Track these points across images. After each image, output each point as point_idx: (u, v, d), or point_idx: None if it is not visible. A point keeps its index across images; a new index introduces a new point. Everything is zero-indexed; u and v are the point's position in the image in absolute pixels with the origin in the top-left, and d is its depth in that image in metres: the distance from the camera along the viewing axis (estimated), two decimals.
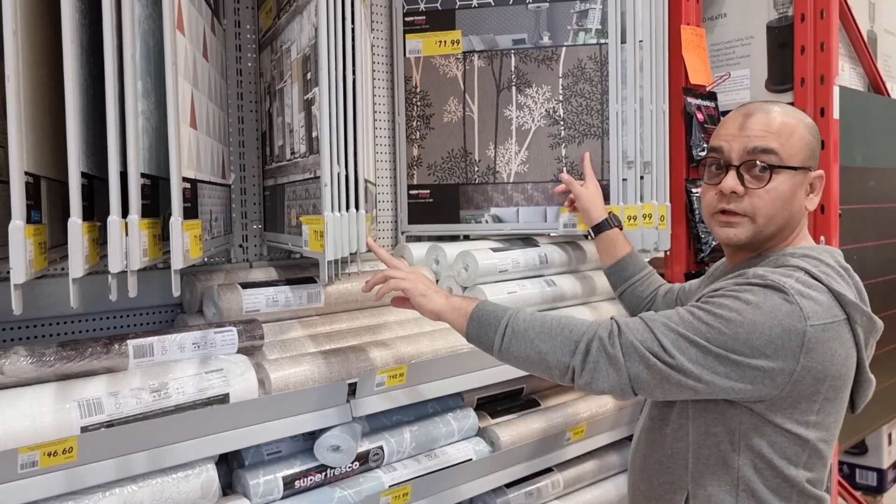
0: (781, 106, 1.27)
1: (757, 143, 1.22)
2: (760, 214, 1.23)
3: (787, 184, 1.22)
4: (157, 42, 1.21)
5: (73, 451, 1.12)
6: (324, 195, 1.36)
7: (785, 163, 1.21)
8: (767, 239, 1.27)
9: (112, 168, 1.02)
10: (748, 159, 1.22)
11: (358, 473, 1.57)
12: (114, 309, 1.61)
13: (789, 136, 1.22)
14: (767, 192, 1.21)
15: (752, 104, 1.29)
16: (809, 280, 1.18)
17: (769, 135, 1.21)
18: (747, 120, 1.24)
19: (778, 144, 1.21)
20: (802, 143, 1.23)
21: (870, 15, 2.44)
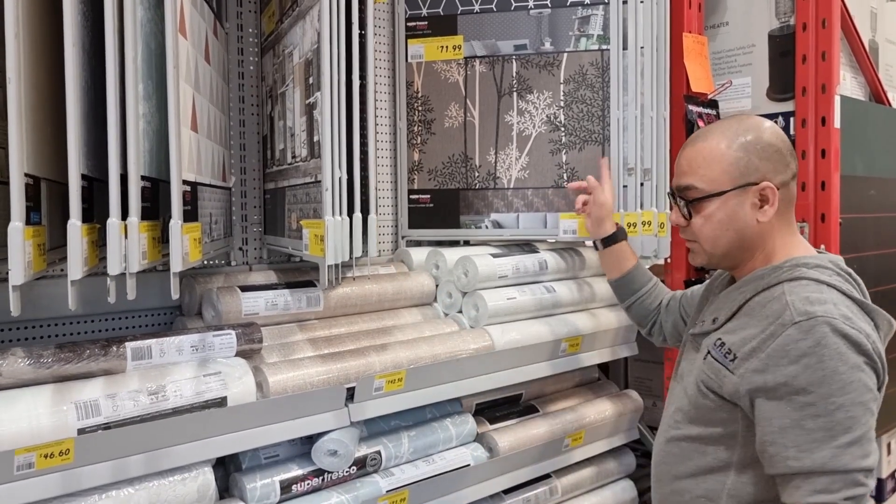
0: (714, 128, 1.31)
1: (680, 180, 1.32)
2: (703, 240, 1.31)
3: (719, 209, 1.27)
4: (158, 45, 1.21)
5: (69, 453, 1.12)
6: (325, 199, 1.36)
7: (708, 192, 1.27)
8: (727, 257, 1.32)
9: (112, 170, 1.02)
10: (678, 195, 1.33)
11: (355, 478, 1.57)
12: (113, 311, 1.61)
13: (709, 166, 1.27)
14: (698, 223, 1.30)
15: (695, 134, 1.35)
16: (842, 298, 1.19)
17: (689, 171, 1.30)
18: (680, 156, 1.34)
19: (696, 178, 1.28)
20: (727, 165, 1.26)
21: (871, 25, 2.44)
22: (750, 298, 1.25)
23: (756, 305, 1.24)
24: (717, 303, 1.36)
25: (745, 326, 1.23)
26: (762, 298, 1.23)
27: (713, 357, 1.26)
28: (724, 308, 1.31)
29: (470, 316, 1.90)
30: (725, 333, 1.27)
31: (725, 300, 1.33)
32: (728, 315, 1.28)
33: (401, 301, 1.89)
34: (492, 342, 1.82)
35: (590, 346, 2.03)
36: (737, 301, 1.28)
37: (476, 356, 1.76)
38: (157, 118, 1.22)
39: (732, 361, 1.21)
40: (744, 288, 1.29)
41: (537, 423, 1.94)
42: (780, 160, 1.27)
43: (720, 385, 1.23)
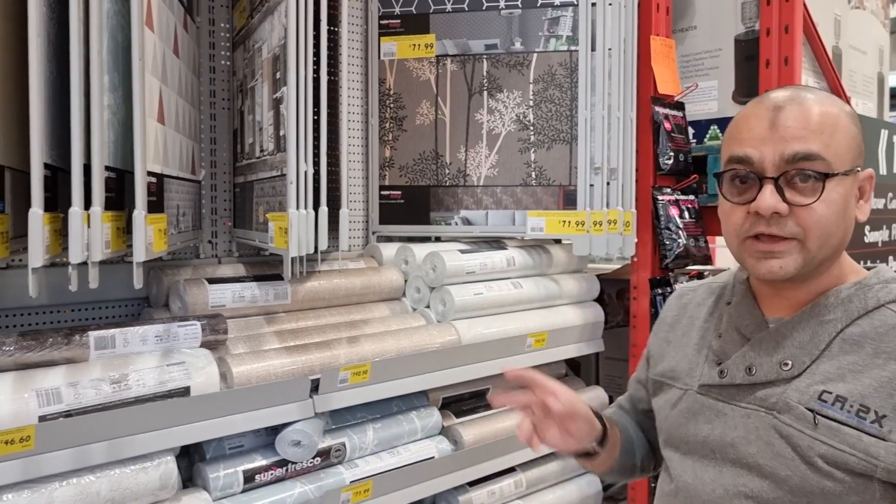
0: (813, 91, 0.99)
1: (797, 147, 0.93)
2: (812, 236, 0.93)
3: (838, 193, 0.93)
4: (125, 37, 1.23)
5: (30, 440, 1.13)
6: (289, 192, 1.38)
7: (834, 168, 0.93)
8: (824, 263, 0.97)
9: (75, 159, 1.04)
10: (788, 169, 0.93)
11: (319, 469, 1.59)
12: (79, 301, 1.61)
13: (833, 132, 0.94)
14: (819, 208, 0.92)
15: (776, 93, 0.99)
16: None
17: (810, 134, 0.93)
18: (778, 115, 0.94)
19: (822, 145, 0.93)
20: (849, 138, 0.95)
21: (835, 31, 2.50)
22: (843, 329, 0.96)
23: (862, 338, 0.94)
24: (768, 338, 1.00)
25: (864, 368, 0.92)
26: (869, 328, 0.94)
27: (832, 419, 0.91)
28: (793, 345, 0.97)
29: (437, 311, 1.93)
30: (827, 382, 0.93)
31: (792, 334, 0.98)
32: (814, 354, 0.96)
33: (369, 295, 1.91)
34: (458, 337, 1.85)
35: (556, 341, 2.07)
36: (821, 334, 0.96)
37: (442, 350, 1.78)
38: (124, 110, 1.24)
39: (877, 422, 0.89)
40: (826, 316, 0.97)
41: (503, 417, 1.98)
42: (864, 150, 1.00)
43: (867, 459, 0.88)
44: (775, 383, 0.97)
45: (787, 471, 0.93)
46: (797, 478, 0.92)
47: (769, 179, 0.94)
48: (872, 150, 2.55)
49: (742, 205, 0.97)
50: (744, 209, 0.96)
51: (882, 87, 2.89)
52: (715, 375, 1.03)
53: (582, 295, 2.23)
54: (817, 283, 0.99)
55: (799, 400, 0.94)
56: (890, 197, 2.63)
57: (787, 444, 0.94)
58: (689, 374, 1.09)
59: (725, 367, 1.02)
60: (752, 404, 0.98)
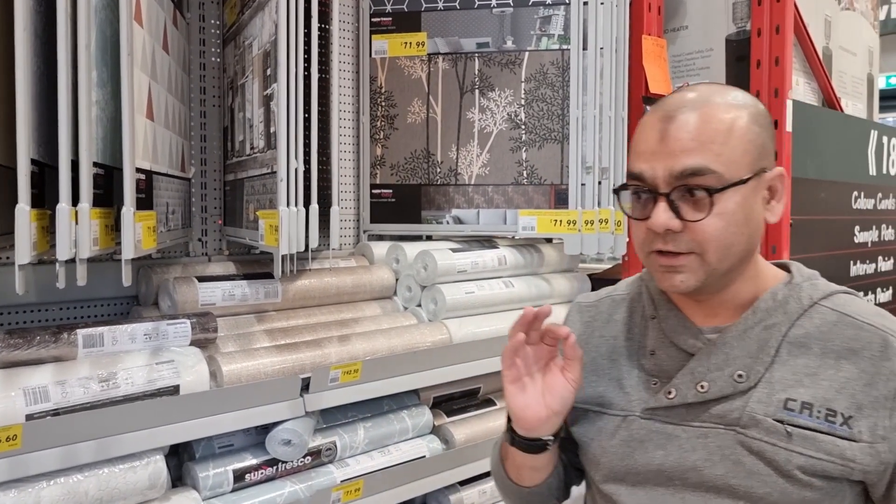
0: (708, 93, 0.94)
1: (686, 162, 0.88)
2: (710, 250, 0.90)
3: (735, 202, 0.89)
4: (114, 32, 1.21)
5: (17, 439, 1.12)
6: (279, 190, 1.37)
7: (727, 179, 0.88)
8: (729, 274, 0.94)
9: (63, 155, 1.02)
10: (678, 185, 0.89)
11: (310, 468, 1.58)
12: (67, 300, 1.60)
13: (726, 140, 0.89)
14: (712, 222, 0.89)
15: (671, 99, 0.95)
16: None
17: (699, 147, 0.89)
18: (668, 127, 0.90)
19: (712, 157, 0.88)
20: (746, 141, 0.90)
21: (825, 32, 2.51)
22: (787, 332, 0.93)
23: (807, 339, 0.92)
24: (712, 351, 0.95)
25: (818, 370, 0.91)
26: (811, 328, 0.93)
27: (804, 427, 0.88)
28: (742, 355, 0.93)
29: (428, 309, 1.92)
30: (787, 389, 0.91)
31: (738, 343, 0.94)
32: (766, 362, 0.92)
33: (360, 294, 1.91)
34: (449, 335, 1.85)
35: None
36: (769, 340, 0.93)
37: (433, 349, 1.78)
38: (112, 106, 1.22)
39: (845, 424, 0.88)
40: (768, 320, 0.94)
41: (494, 417, 1.97)
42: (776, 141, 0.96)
43: (844, 463, 0.87)
44: (731, 397, 0.92)
45: (766, 488, 0.89)
46: (777, 493, 0.88)
47: (662, 196, 0.90)
48: (862, 152, 2.57)
49: (642, 220, 0.94)
50: (644, 224, 0.93)
51: (871, 88, 2.91)
52: (661, 397, 0.96)
53: (573, 294, 2.23)
54: (736, 288, 0.96)
55: (765, 412, 0.90)
56: (879, 198, 2.64)
57: (759, 460, 0.89)
58: (624, 398, 1.00)
59: (673, 387, 0.95)
60: (707, 422, 0.93)
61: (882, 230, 2.69)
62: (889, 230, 2.75)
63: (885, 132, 2.72)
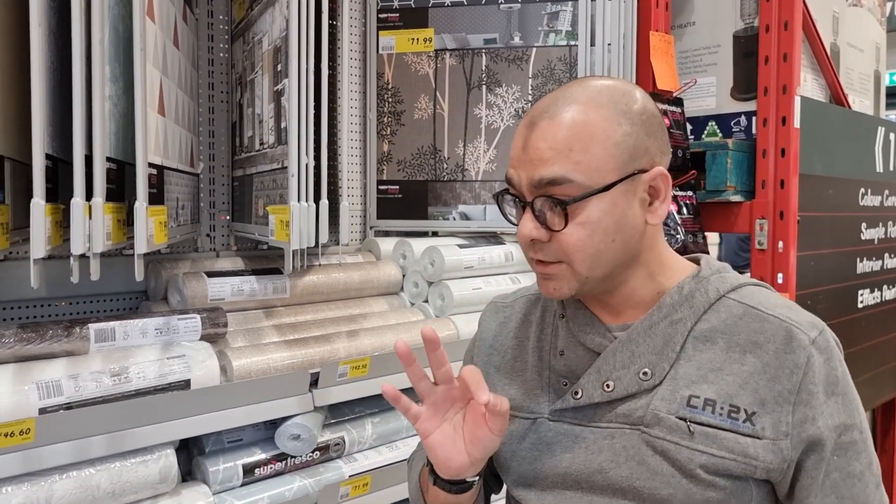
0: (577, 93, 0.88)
1: (543, 171, 0.85)
2: (576, 260, 0.86)
3: (601, 210, 0.85)
4: (126, 28, 1.22)
5: (30, 433, 1.13)
6: (290, 185, 1.37)
7: (589, 187, 0.84)
8: (606, 280, 0.90)
9: (77, 150, 1.03)
10: (539, 194, 0.86)
11: (318, 463, 1.59)
12: (78, 294, 1.60)
13: (586, 147, 0.85)
14: (574, 232, 0.85)
15: (542, 101, 0.91)
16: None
17: (556, 155, 0.85)
18: (530, 135, 0.87)
19: (570, 165, 0.84)
20: (610, 145, 0.85)
21: (833, 28, 2.50)
22: (693, 326, 0.90)
23: (713, 333, 0.89)
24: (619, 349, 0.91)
25: (722, 364, 0.87)
26: (717, 322, 0.90)
27: (707, 425, 0.85)
28: (648, 352, 0.90)
29: (436, 305, 1.93)
30: (691, 385, 0.87)
31: (644, 340, 0.90)
32: (672, 358, 0.89)
33: (367, 290, 1.91)
34: (457, 331, 1.85)
35: None
36: (675, 335, 0.89)
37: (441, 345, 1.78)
38: (124, 101, 1.23)
39: (748, 421, 0.84)
40: (674, 315, 0.90)
41: None
42: (664, 135, 0.91)
43: (746, 461, 0.84)
44: (637, 396, 0.88)
45: (669, 489, 0.85)
46: (681, 494, 0.84)
47: (528, 205, 0.87)
48: (869, 148, 2.56)
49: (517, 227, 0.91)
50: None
51: (879, 84, 2.90)
52: (569, 398, 0.93)
53: None
54: (629, 288, 0.92)
55: (668, 410, 0.86)
56: (886, 194, 2.64)
57: (664, 460, 0.86)
58: (533, 401, 0.97)
59: (580, 387, 0.92)
60: (614, 422, 0.89)
61: (889, 227, 2.69)
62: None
63: (893, 129, 2.72)
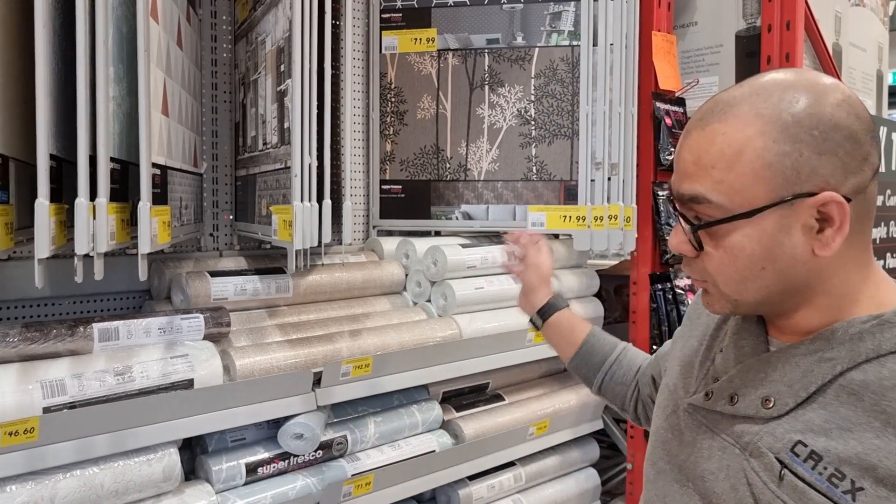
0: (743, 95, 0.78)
1: (683, 187, 0.80)
2: (720, 283, 0.81)
3: (746, 236, 0.77)
4: (130, 28, 1.22)
5: (34, 432, 1.13)
6: (293, 185, 1.38)
7: (731, 210, 0.76)
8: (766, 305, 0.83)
9: (81, 150, 1.03)
10: (682, 210, 0.82)
11: (321, 462, 1.59)
12: (81, 294, 1.61)
13: (731, 166, 0.76)
14: (717, 256, 0.80)
15: (708, 102, 0.82)
16: None
17: (697, 171, 0.78)
18: (683, 144, 0.82)
19: (711, 185, 0.77)
20: (760, 166, 0.75)
21: (836, 28, 2.50)
22: (844, 372, 0.77)
23: (863, 389, 0.75)
24: (758, 366, 0.85)
25: (854, 426, 0.75)
26: (874, 377, 0.75)
27: (800, 478, 0.76)
28: (781, 380, 0.81)
29: (438, 305, 1.93)
30: (807, 432, 0.77)
31: (783, 366, 0.82)
32: (801, 396, 0.79)
33: (370, 289, 1.92)
34: (459, 331, 1.85)
35: None
36: (816, 373, 0.79)
37: (443, 344, 1.79)
38: (128, 101, 1.23)
39: (850, 494, 0.72)
40: (826, 352, 0.79)
41: (503, 412, 1.98)
42: (854, 150, 0.75)
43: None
44: (754, 420, 0.82)
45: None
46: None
47: (680, 215, 0.82)
48: None
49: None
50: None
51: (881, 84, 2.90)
52: (701, 396, 0.90)
53: (582, 290, 2.24)
54: (803, 315, 0.82)
55: (771, 447, 0.79)
56: (888, 194, 2.64)
57: (749, 494, 0.80)
58: (686, 387, 0.95)
59: (712, 390, 0.88)
60: (730, 437, 0.85)
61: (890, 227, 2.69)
62: None
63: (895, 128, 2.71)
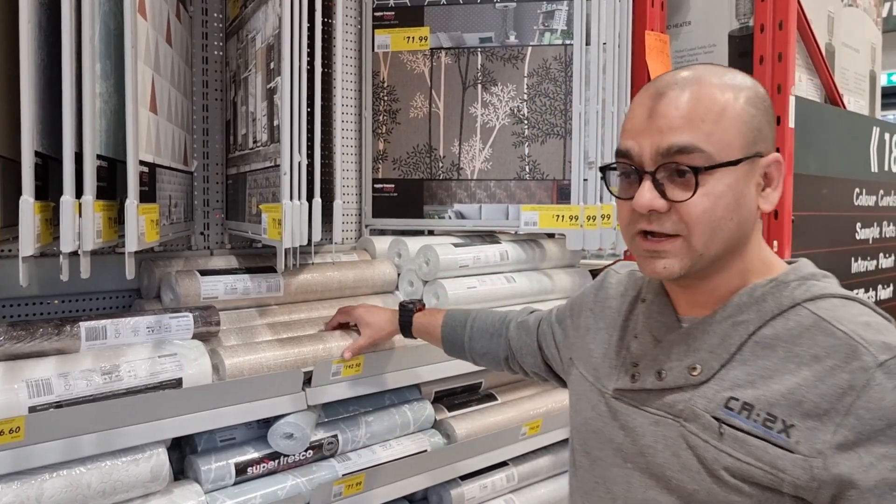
0: (705, 72, 0.90)
1: (672, 139, 0.86)
2: (696, 233, 0.87)
3: (725, 183, 0.86)
4: (118, 25, 1.21)
5: (20, 431, 1.12)
6: (283, 183, 1.37)
7: (716, 159, 0.85)
8: (715, 262, 0.90)
9: (66, 147, 1.02)
10: (665, 163, 0.87)
11: (312, 462, 1.58)
12: (69, 293, 1.60)
13: (718, 119, 0.86)
14: (700, 202, 0.86)
15: (664, 77, 0.92)
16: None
17: (687, 124, 0.86)
18: (658, 104, 0.88)
19: (701, 135, 0.85)
20: (740, 122, 0.86)
21: (829, 28, 2.51)
22: (756, 330, 0.88)
23: (775, 340, 0.87)
24: (678, 340, 0.94)
25: (774, 373, 0.85)
26: (782, 329, 0.87)
27: (738, 429, 0.85)
28: (703, 348, 0.91)
29: (430, 304, 1.92)
30: (736, 388, 0.87)
31: (702, 336, 0.92)
32: (724, 358, 0.89)
33: (362, 289, 1.91)
34: None
35: None
36: (733, 336, 0.89)
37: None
38: (116, 98, 1.22)
39: (784, 432, 0.82)
40: (738, 316, 0.90)
41: (495, 411, 1.97)
42: (775, 127, 0.92)
43: (773, 472, 0.82)
44: (684, 389, 0.91)
45: (694, 485, 0.87)
46: (703, 492, 0.86)
47: (647, 174, 0.88)
48: (864, 149, 2.57)
49: (627, 200, 0.91)
50: (630, 205, 0.91)
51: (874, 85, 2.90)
52: (627, 380, 0.98)
53: (574, 290, 2.23)
54: (722, 279, 0.92)
55: (705, 408, 0.88)
56: (881, 194, 2.64)
57: (693, 456, 0.88)
58: (608, 377, 1.03)
59: (637, 372, 0.97)
60: (661, 410, 0.92)
61: (883, 227, 2.69)
62: (890, 227, 2.75)
63: (887, 129, 2.72)
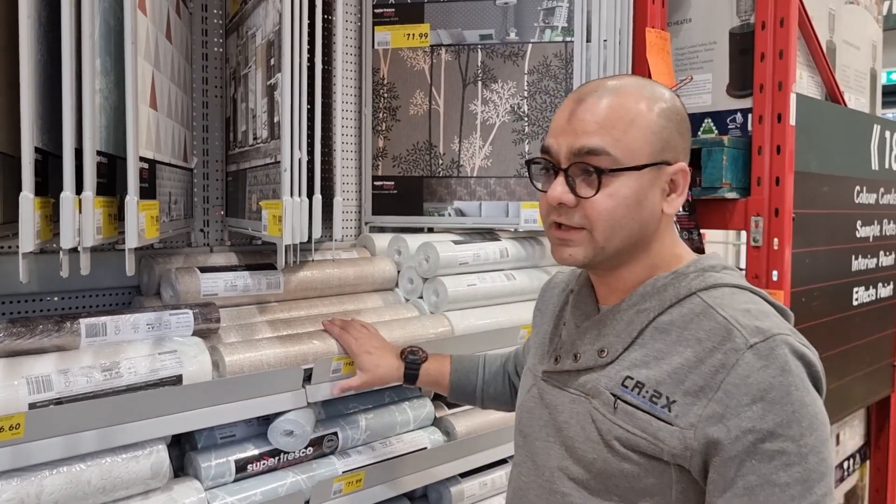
0: (626, 83, 1.01)
1: (584, 141, 0.96)
2: (598, 228, 0.97)
3: (629, 187, 0.96)
4: (118, 21, 1.21)
5: (20, 428, 1.12)
6: (283, 180, 1.37)
7: (622, 163, 0.95)
8: (617, 255, 1.01)
9: (66, 143, 1.02)
10: (576, 161, 0.97)
11: (312, 459, 1.58)
12: (69, 289, 1.59)
13: (627, 128, 0.96)
14: (602, 201, 0.96)
15: (591, 83, 1.02)
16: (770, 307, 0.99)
17: (599, 129, 0.96)
18: (577, 108, 0.98)
19: (610, 140, 0.95)
20: (648, 133, 0.97)
21: (830, 26, 2.50)
22: (656, 317, 1.00)
23: (670, 326, 0.98)
24: (592, 326, 1.06)
25: (665, 355, 0.96)
26: (677, 316, 0.98)
27: (629, 404, 0.96)
28: (611, 333, 1.02)
29: (430, 301, 1.92)
30: (633, 368, 0.98)
31: (611, 322, 1.03)
32: (626, 342, 1.00)
33: (362, 286, 1.91)
34: (451, 327, 1.85)
35: None
36: (636, 322, 1.01)
37: (435, 341, 1.78)
38: (116, 95, 1.22)
39: (667, 407, 0.93)
40: (642, 305, 1.01)
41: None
42: (689, 138, 1.04)
43: (654, 442, 0.93)
44: (593, 369, 1.02)
45: (594, 454, 0.99)
46: (601, 461, 0.98)
47: (561, 171, 0.99)
48: (864, 146, 2.56)
49: (543, 193, 1.03)
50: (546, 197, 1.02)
51: (874, 82, 2.90)
52: (552, 363, 1.11)
53: None
54: (630, 271, 1.03)
55: (606, 385, 0.99)
56: (881, 192, 2.64)
57: (595, 429, 0.99)
58: (540, 361, 1.15)
59: (559, 355, 1.09)
60: (577, 390, 1.04)
61: (884, 225, 2.69)
62: (891, 225, 2.75)
63: (888, 127, 2.72)
